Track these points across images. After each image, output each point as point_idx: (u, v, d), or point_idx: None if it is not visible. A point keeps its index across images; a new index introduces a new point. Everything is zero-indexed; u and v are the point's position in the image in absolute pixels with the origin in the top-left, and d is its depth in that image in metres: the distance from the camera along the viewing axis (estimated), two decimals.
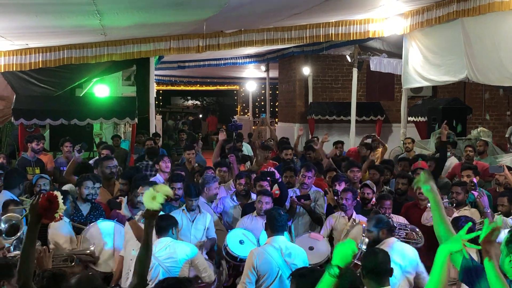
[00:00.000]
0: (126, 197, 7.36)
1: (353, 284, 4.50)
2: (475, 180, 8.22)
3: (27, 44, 13.66)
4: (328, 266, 3.81)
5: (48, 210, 3.96)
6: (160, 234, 6.39)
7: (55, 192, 4.07)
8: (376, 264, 4.73)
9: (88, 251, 5.99)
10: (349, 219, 7.64)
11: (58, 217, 4.12)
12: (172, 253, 6.28)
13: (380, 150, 13.22)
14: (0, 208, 6.86)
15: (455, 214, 7.43)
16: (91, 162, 10.72)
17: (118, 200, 7.57)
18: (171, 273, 6.13)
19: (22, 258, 4.00)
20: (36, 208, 3.95)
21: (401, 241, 6.64)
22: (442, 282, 3.76)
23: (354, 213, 7.66)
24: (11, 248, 5.98)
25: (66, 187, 8.39)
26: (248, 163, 12.24)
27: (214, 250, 7.69)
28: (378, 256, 4.81)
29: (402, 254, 6.06)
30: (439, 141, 10.84)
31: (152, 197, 4.14)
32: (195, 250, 6.50)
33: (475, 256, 5.96)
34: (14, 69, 14.32)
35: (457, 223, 6.39)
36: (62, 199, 4.67)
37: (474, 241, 6.66)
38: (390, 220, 7.18)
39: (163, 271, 6.15)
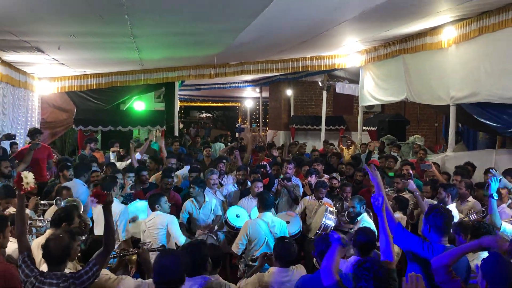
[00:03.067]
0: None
1: None
2: (411, 172, 8.27)
3: (84, 71, 13.68)
4: None
5: (19, 184, 4.01)
6: (151, 209, 6.53)
7: (22, 173, 4.13)
8: (367, 240, 4.73)
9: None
10: (317, 200, 7.67)
11: (28, 187, 4.14)
12: (153, 222, 6.30)
13: (352, 148, 13.61)
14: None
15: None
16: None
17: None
18: (153, 236, 6.18)
19: None
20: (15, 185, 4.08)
21: None
22: None
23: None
24: None
25: None
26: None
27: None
28: (369, 233, 4.81)
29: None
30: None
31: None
32: (171, 221, 6.37)
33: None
34: (75, 90, 14.37)
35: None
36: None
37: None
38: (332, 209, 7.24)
39: (148, 234, 6.23)
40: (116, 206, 6.39)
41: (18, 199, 4.15)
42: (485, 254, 4.20)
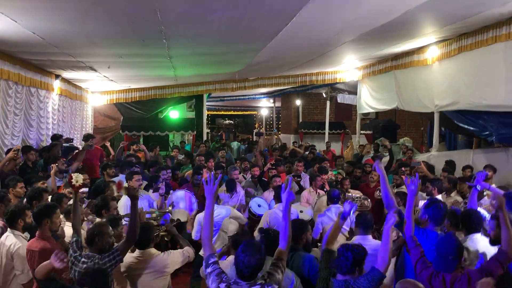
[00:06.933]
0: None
1: None
2: (403, 169, 8.16)
3: (129, 86, 13.77)
4: None
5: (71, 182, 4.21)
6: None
7: (73, 174, 4.21)
8: (366, 219, 4.67)
9: (167, 210, 6.03)
10: (316, 192, 7.54)
11: (77, 185, 4.17)
12: (219, 212, 6.19)
13: (349, 147, 13.53)
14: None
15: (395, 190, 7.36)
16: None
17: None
18: (218, 224, 6.02)
19: None
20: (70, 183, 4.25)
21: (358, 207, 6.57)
22: None
23: (318, 189, 7.57)
24: None
25: None
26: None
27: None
28: (367, 215, 4.76)
29: None
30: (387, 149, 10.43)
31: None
32: (229, 210, 6.41)
33: None
34: (122, 101, 14.47)
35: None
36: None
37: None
38: (350, 194, 7.12)
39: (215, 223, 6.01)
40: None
41: (73, 195, 4.24)
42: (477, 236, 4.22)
